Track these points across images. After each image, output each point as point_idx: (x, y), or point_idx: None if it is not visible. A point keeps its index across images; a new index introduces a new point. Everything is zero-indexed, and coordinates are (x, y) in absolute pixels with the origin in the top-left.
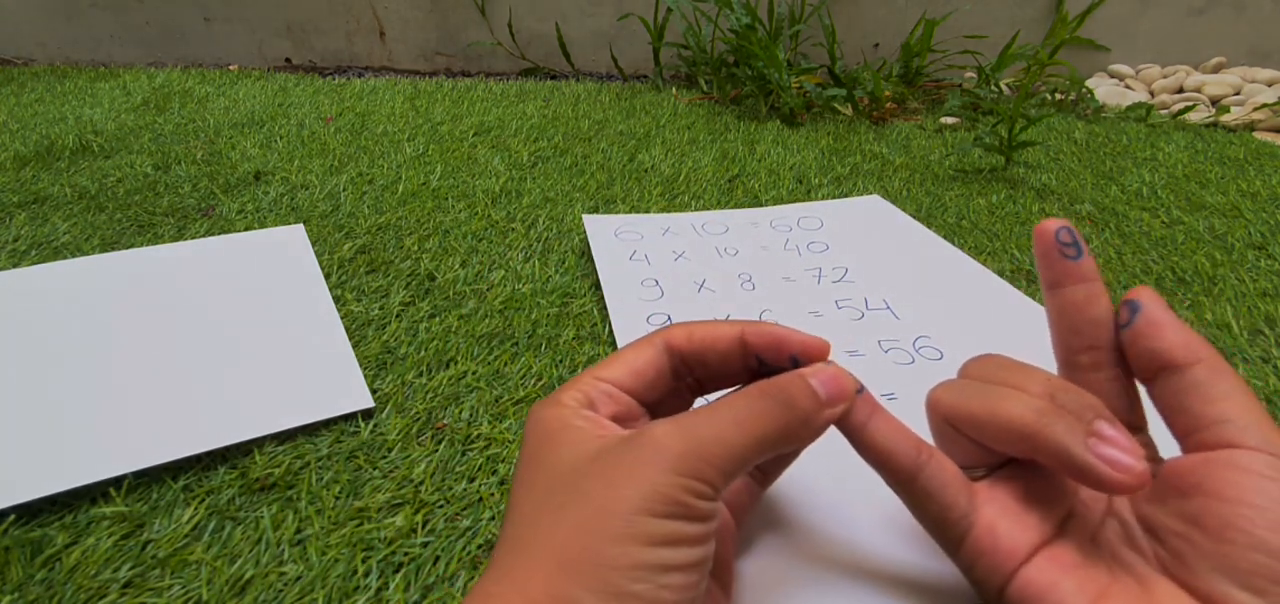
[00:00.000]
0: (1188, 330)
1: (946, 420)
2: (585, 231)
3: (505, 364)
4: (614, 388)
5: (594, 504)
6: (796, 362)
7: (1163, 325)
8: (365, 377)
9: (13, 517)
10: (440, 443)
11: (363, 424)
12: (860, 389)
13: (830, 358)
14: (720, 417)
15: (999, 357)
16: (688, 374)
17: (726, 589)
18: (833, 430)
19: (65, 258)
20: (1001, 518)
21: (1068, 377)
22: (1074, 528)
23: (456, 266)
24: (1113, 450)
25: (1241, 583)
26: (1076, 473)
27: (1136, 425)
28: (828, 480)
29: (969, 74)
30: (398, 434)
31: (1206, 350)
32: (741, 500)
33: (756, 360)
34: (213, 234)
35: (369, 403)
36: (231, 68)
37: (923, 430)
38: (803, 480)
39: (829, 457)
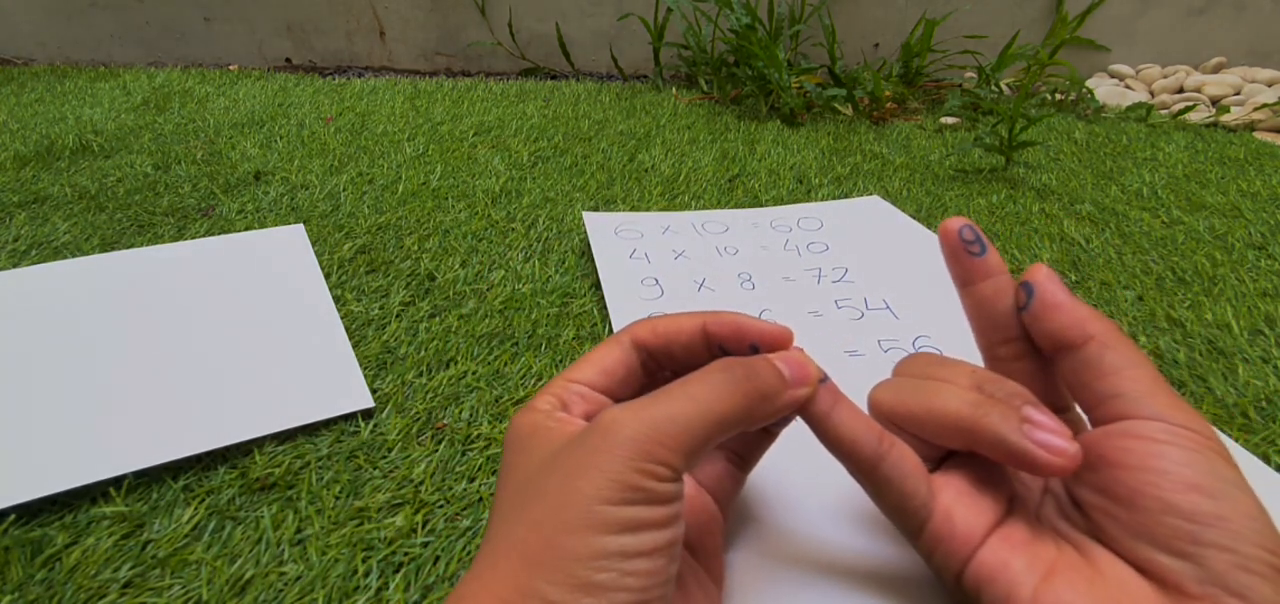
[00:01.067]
0: (1083, 308)
1: (888, 419)
2: (585, 230)
3: (505, 364)
4: (586, 388)
5: (554, 498)
6: (757, 348)
7: (1055, 307)
8: (365, 377)
9: (13, 517)
10: (440, 443)
11: (363, 424)
12: (824, 378)
13: (795, 344)
14: (675, 395)
15: (928, 354)
16: (660, 369)
17: (717, 580)
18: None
19: (65, 258)
20: (956, 504)
21: (992, 368)
22: (1019, 508)
23: (456, 266)
24: (1045, 434)
25: (1163, 547)
26: (1014, 459)
27: (1062, 406)
28: (804, 473)
29: (969, 74)
30: (398, 434)
31: (1099, 326)
32: (723, 487)
33: (719, 349)
34: (213, 234)
35: (369, 403)
36: (231, 68)
37: None
38: (792, 474)
39: (815, 452)
